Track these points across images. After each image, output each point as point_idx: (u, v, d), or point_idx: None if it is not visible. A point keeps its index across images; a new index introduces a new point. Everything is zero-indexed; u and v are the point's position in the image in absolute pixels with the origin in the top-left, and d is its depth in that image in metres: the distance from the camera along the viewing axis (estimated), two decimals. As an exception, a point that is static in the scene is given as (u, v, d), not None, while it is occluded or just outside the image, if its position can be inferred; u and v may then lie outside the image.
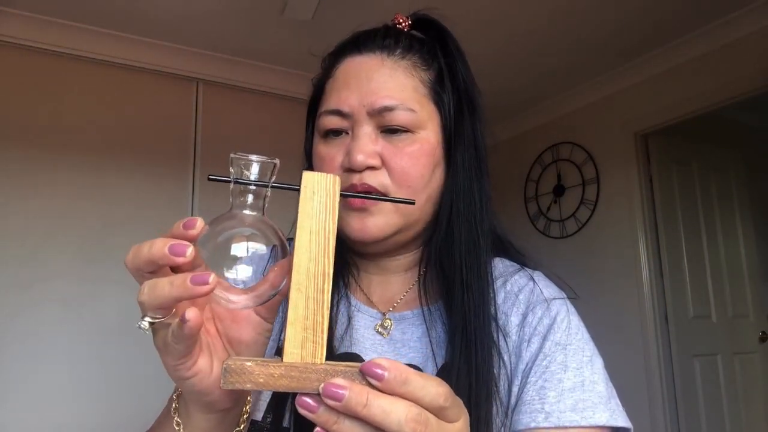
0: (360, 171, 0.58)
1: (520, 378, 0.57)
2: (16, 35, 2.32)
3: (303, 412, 0.35)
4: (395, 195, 0.58)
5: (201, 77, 2.72)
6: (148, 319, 0.39)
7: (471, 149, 0.62)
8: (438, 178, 0.61)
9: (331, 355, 0.59)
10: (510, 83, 3.05)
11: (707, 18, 2.45)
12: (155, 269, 0.39)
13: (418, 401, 0.35)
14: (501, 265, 0.66)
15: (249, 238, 0.41)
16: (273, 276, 0.41)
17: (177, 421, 0.48)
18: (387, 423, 0.34)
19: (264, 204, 0.42)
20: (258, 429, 0.59)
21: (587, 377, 0.55)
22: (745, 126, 3.45)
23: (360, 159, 0.57)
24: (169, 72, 2.64)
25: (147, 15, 2.36)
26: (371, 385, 0.35)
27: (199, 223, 0.39)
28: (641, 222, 2.83)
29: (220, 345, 0.46)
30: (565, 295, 0.63)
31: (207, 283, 0.36)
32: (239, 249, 0.41)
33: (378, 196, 0.56)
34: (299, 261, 0.39)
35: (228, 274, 0.41)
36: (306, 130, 0.68)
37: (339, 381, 0.35)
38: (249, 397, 0.49)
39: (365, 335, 0.63)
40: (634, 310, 2.81)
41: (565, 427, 0.53)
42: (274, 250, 0.42)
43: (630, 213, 2.87)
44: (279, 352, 0.64)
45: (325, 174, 0.41)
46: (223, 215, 0.42)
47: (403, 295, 0.65)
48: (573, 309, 0.62)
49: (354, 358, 0.61)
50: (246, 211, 0.42)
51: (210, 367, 0.43)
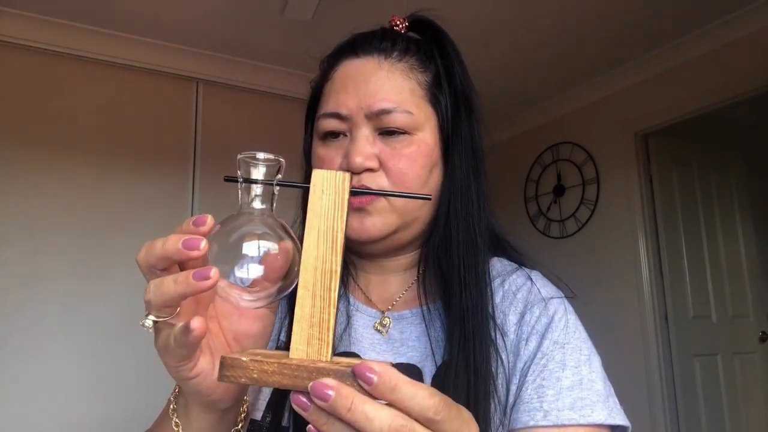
0: (358, 173, 0.58)
1: (518, 376, 0.57)
2: (16, 35, 2.32)
3: (298, 409, 0.35)
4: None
5: (201, 77, 2.72)
6: (152, 318, 0.39)
7: (468, 150, 0.63)
8: (436, 178, 0.62)
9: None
10: (510, 83, 3.05)
11: (707, 18, 2.45)
12: (168, 265, 0.39)
13: (406, 411, 0.34)
14: (499, 265, 0.66)
15: (260, 236, 0.41)
16: (269, 272, 0.41)
17: (176, 422, 0.48)
18: (369, 430, 0.33)
19: (273, 202, 0.43)
20: (257, 428, 0.59)
21: (585, 376, 0.56)
22: (745, 126, 3.45)
23: (358, 161, 0.57)
24: (169, 72, 2.64)
25: (147, 15, 2.36)
26: (363, 389, 0.34)
27: (210, 220, 0.39)
28: (641, 222, 2.83)
29: (221, 342, 0.46)
30: (563, 294, 0.63)
31: (209, 278, 0.37)
32: (251, 247, 0.41)
33: (393, 192, 0.57)
34: (307, 259, 0.39)
35: (239, 272, 0.41)
36: (305, 132, 0.69)
37: (328, 381, 0.34)
38: (246, 396, 0.50)
39: (364, 334, 0.63)
40: (634, 310, 2.81)
41: (564, 426, 0.53)
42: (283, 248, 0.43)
43: (630, 213, 2.87)
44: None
45: (335, 171, 0.41)
46: (234, 214, 0.42)
47: (402, 295, 0.65)
48: (571, 308, 0.62)
49: (353, 357, 0.61)
50: (256, 210, 0.42)
51: (212, 367, 0.43)
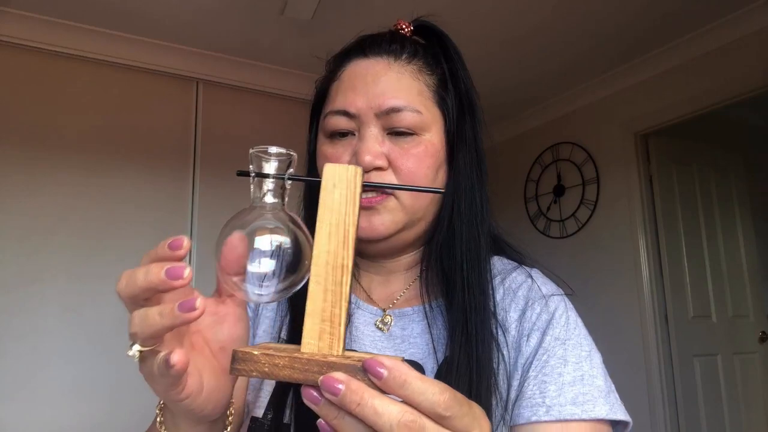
0: (367, 171, 0.59)
1: (520, 372, 0.58)
2: (16, 35, 2.32)
3: (308, 403, 0.35)
4: (401, 195, 0.60)
5: (201, 77, 2.72)
6: (137, 348, 0.39)
7: (472, 152, 0.64)
8: (441, 179, 0.63)
9: None
10: (510, 83, 3.05)
11: (707, 18, 2.45)
12: (152, 296, 0.38)
13: (416, 406, 0.34)
14: (499, 264, 0.67)
15: (272, 230, 0.41)
16: (226, 264, 0.40)
17: None
18: (379, 425, 0.33)
19: (284, 197, 0.43)
20: (259, 425, 0.60)
21: (586, 371, 0.56)
22: (745, 126, 3.45)
23: (368, 159, 0.58)
24: (169, 72, 2.64)
25: (147, 15, 2.36)
26: (374, 384, 0.34)
27: (186, 243, 0.38)
28: (641, 222, 2.83)
29: (205, 357, 0.44)
30: (563, 292, 0.64)
31: (195, 309, 0.36)
32: (263, 242, 0.41)
33: (407, 186, 0.58)
34: (318, 253, 0.39)
35: (251, 267, 0.40)
36: (309, 132, 0.69)
37: (338, 375, 0.34)
38: (233, 399, 0.48)
39: (365, 332, 0.64)
40: (634, 310, 2.81)
41: (566, 420, 0.53)
42: (294, 243, 0.42)
43: (630, 213, 2.87)
44: None
45: (347, 165, 0.40)
46: (246, 209, 0.42)
47: (403, 293, 0.66)
48: (571, 305, 0.63)
49: (364, 352, 0.61)
50: (268, 204, 0.42)
51: (201, 386, 0.42)
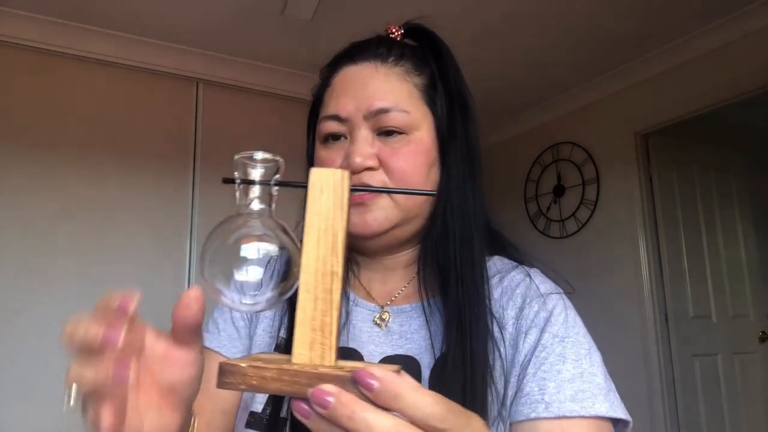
0: (358, 172, 0.60)
1: (518, 369, 0.58)
2: (16, 35, 2.32)
3: (299, 417, 0.34)
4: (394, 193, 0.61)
5: (201, 77, 2.72)
6: (74, 396, 0.40)
7: (463, 148, 0.65)
8: (434, 176, 0.64)
9: None
10: (510, 83, 3.05)
11: (707, 18, 2.45)
12: (90, 351, 0.39)
13: (410, 418, 0.33)
14: (499, 263, 0.67)
15: (259, 238, 0.40)
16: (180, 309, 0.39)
17: None
18: None
19: (272, 203, 0.42)
20: (257, 420, 0.61)
21: (586, 369, 0.56)
22: (745, 126, 3.45)
23: (358, 161, 0.60)
24: (169, 72, 2.64)
25: (147, 15, 2.36)
26: (365, 396, 0.32)
27: (133, 306, 0.39)
28: (641, 222, 2.83)
29: (150, 397, 0.41)
30: (561, 291, 0.64)
31: (127, 378, 0.37)
32: (249, 250, 0.40)
33: (394, 189, 0.59)
34: (307, 261, 0.38)
35: (238, 275, 0.40)
36: (307, 138, 0.71)
37: (328, 388, 0.33)
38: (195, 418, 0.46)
39: (362, 328, 0.64)
40: (634, 309, 2.81)
41: (566, 417, 0.53)
42: (283, 250, 0.41)
43: (630, 213, 2.87)
44: (277, 349, 0.65)
45: (333, 170, 0.39)
46: (232, 216, 0.41)
47: (402, 289, 0.67)
48: (569, 303, 0.63)
49: (351, 353, 0.62)
50: (254, 211, 0.41)
51: (141, 427, 0.39)
